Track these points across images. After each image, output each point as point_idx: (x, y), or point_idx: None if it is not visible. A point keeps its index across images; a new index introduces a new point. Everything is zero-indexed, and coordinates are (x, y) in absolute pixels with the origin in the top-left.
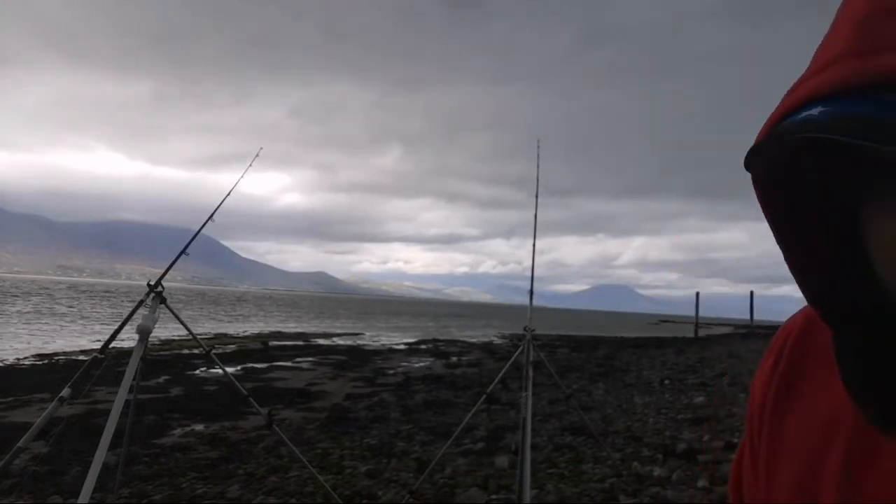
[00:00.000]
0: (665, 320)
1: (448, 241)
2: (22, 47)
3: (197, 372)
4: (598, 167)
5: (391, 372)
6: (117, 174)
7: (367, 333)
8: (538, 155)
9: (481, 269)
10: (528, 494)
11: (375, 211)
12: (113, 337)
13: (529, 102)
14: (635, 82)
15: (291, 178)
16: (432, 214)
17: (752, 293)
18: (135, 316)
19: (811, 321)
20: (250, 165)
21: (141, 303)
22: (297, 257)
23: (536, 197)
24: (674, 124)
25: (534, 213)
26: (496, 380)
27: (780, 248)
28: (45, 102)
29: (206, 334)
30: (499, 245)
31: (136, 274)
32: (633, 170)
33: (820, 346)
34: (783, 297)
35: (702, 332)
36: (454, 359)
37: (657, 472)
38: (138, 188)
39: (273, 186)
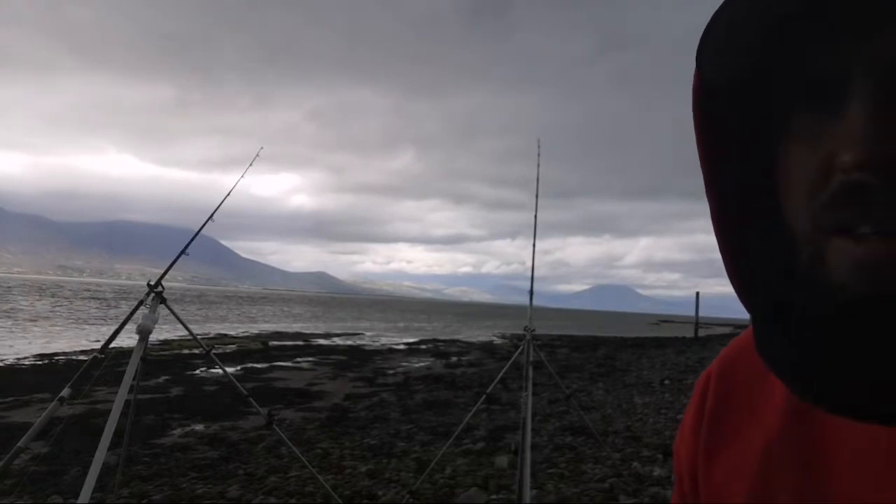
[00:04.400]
0: (665, 320)
1: (453, 241)
2: (45, 52)
3: (197, 372)
4: (607, 170)
5: (391, 372)
6: (127, 176)
7: (367, 333)
8: (538, 154)
9: (484, 270)
10: (528, 494)
11: (383, 212)
12: (113, 337)
13: (543, 107)
14: (648, 88)
15: (303, 180)
16: (439, 215)
17: None
18: (135, 316)
19: (728, 361)
20: (251, 165)
21: (141, 303)
22: (302, 257)
23: (536, 196)
24: (683, 128)
25: (542, 213)
26: (496, 380)
27: (710, 204)
28: (64, 106)
29: (206, 334)
30: (503, 245)
31: (137, 274)
32: (642, 172)
33: (741, 379)
34: None
35: (702, 333)
36: (454, 359)
37: (657, 472)
38: (146, 189)
39: (284, 187)
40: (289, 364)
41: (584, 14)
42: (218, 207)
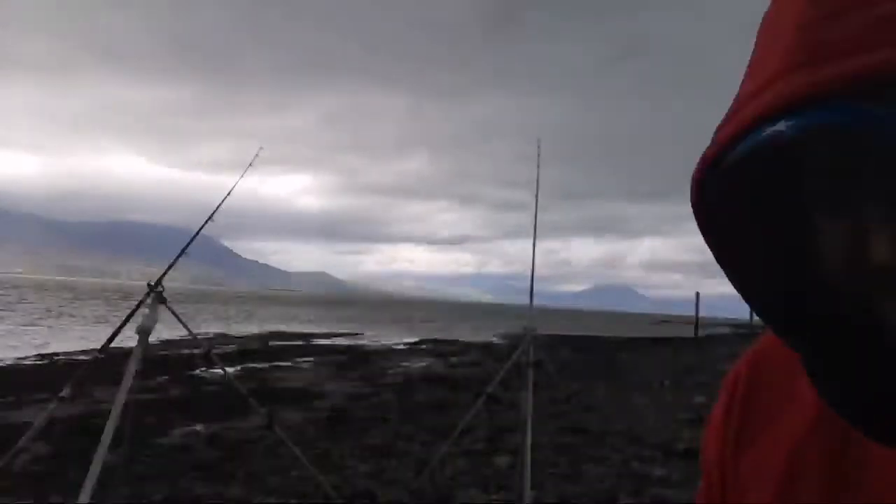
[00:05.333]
0: (665, 320)
1: (456, 241)
2: (53, 54)
3: (197, 372)
4: (611, 172)
5: (391, 372)
6: (133, 177)
7: (367, 333)
8: (538, 154)
9: (486, 270)
10: (528, 494)
11: (387, 213)
12: (113, 337)
13: (551, 112)
14: (659, 93)
15: (309, 181)
16: (446, 216)
17: None
18: (135, 316)
19: (758, 357)
20: (251, 165)
21: (141, 303)
22: (303, 257)
23: (536, 197)
24: (690, 133)
25: (547, 214)
26: (496, 380)
27: (727, 270)
28: (72, 107)
29: (206, 334)
30: (506, 246)
31: (137, 274)
32: (646, 174)
33: (770, 377)
34: None
35: (702, 333)
36: (454, 359)
37: (657, 472)
38: (154, 191)
39: (289, 188)
40: (289, 364)
41: (597, 22)
42: (217, 208)
